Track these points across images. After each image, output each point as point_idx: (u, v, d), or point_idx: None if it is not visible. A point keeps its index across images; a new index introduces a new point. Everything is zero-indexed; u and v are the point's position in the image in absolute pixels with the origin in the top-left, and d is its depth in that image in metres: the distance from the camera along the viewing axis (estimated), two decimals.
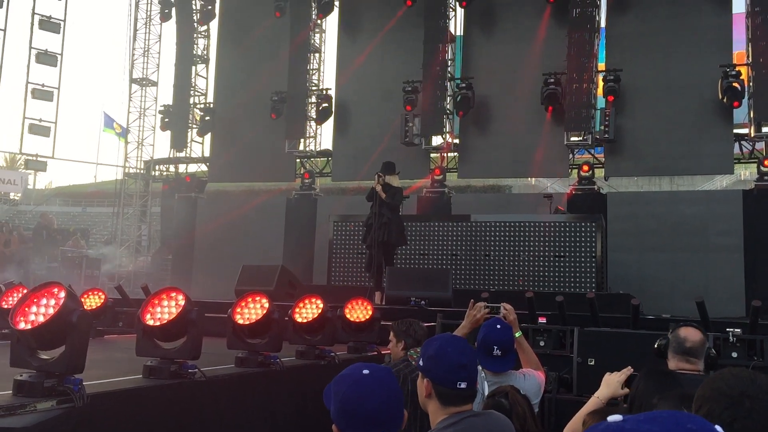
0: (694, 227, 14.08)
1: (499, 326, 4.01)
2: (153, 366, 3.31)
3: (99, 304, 5.99)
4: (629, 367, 3.29)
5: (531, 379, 4.15)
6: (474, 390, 2.55)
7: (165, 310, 3.33)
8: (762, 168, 13.93)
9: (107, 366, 4.07)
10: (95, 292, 6.09)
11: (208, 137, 18.59)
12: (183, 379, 3.31)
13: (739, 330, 5.49)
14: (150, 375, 3.30)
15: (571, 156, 15.74)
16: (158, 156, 20.08)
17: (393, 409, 1.97)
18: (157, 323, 3.30)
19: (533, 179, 28.18)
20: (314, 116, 17.20)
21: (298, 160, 17.68)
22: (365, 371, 2.01)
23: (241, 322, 3.97)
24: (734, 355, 5.37)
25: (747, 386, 1.56)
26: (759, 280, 13.33)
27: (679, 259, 13.96)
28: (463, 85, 15.47)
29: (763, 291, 12.75)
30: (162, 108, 18.72)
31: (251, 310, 4.00)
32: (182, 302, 3.34)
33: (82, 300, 6.00)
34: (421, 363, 2.58)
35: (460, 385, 2.46)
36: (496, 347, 4.06)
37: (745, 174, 25.14)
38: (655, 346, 3.79)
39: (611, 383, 3.15)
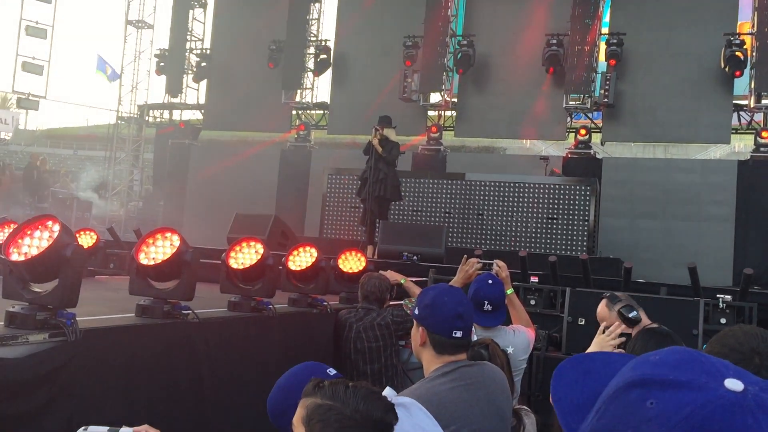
0: (687, 196, 14.12)
1: (490, 281, 4.02)
2: (146, 305, 3.30)
3: (91, 245, 5.96)
4: (619, 322, 3.30)
5: (520, 335, 4.18)
6: (469, 339, 2.55)
7: (160, 250, 3.30)
8: (759, 139, 13.91)
9: (100, 304, 4.06)
10: (87, 232, 6.05)
11: (203, 84, 18.35)
12: (176, 319, 3.30)
13: (729, 297, 5.53)
14: (143, 314, 3.28)
15: (568, 119, 15.69)
16: (153, 101, 19.85)
17: None
18: (151, 262, 3.27)
19: (528, 142, 28.11)
20: (312, 67, 16.96)
21: (294, 112, 17.52)
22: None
23: (235, 266, 3.95)
24: (723, 321, 5.42)
25: (758, 343, 1.56)
26: (748, 251, 13.44)
27: (671, 226, 14.03)
28: (465, 42, 15.27)
29: (752, 261, 12.85)
30: (158, 52, 18.41)
31: (246, 255, 3.98)
32: (177, 243, 3.31)
33: None
34: (416, 311, 2.58)
35: (455, 334, 2.47)
36: (486, 302, 4.09)
37: (740, 146, 25.17)
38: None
39: (603, 345, 3.16)
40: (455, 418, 2.31)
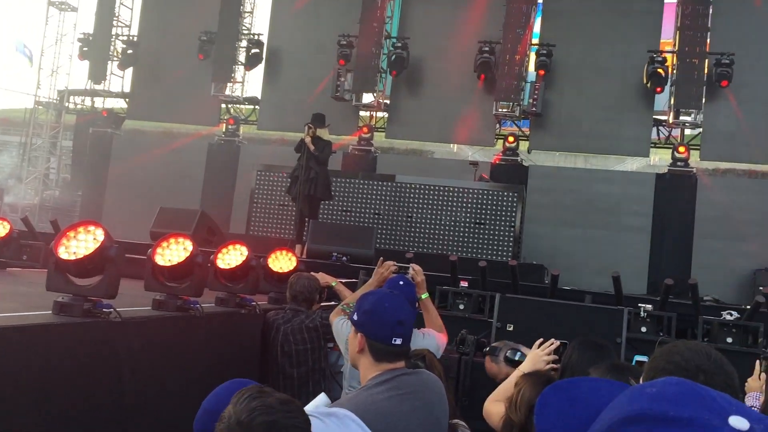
0: (607, 206, 14.60)
1: (402, 282, 3.98)
2: (65, 303, 3.09)
3: (3, 235, 5.61)
4: (554, 339, 3.31)
5: (429, 339, 4.14)
6: (408, 347, 2.50)
7: (82, 245, 3.10)
8: (676, 154, 14.50)
9: (13, 299, 3.81)
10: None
11: (129, 72, 17.72)
12: (97, 318, 3.11)
13: (650, 306, 5.70)
14: (61, 311, 3.08)
15: (497, 126, 15.96)
16: (74, 87, 19.02)
17: None
18: (72, 257, 3.07)
19: (456, 147, 28.46)
20: (243, 61, 16.64)
21: (223, 106, 17.15)
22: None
23: (161, 263, 3.77)
24: (643, 329, 5.59)
25: (702, 361, 1.56)
26: (662, 261, 14.00)
27: (591, 235, 14.46)
28: (399, 44, 15.30)
29: (665, 271, 13.39)
30: (81, 36, 17.65)
31: (173, 252, 3.80)
32: (101, 237, 3.12)
33: None
34: (355, 317, 2.51)
35: (395, 341, 2.41)
36: None
37: (655, 159, 26.24)
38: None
39: (537, 360, 3.16)
40: (391, 428, 2.26)
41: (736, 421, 0.65)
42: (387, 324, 2.41)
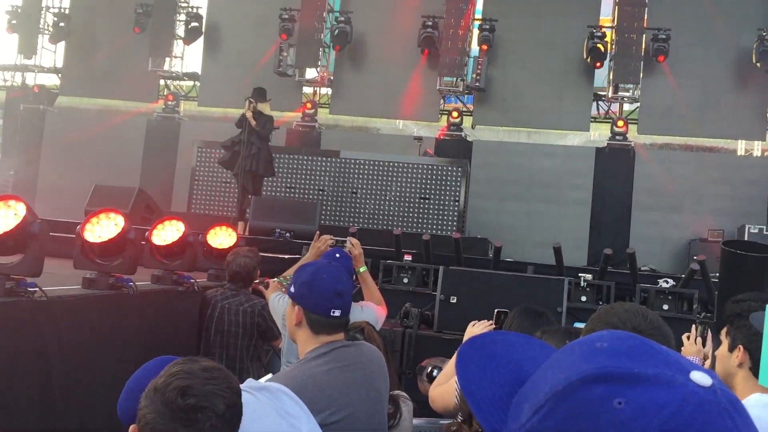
0: (549, 180, 14.80)
1: (338, 255, 3.92)
2: None
3: None
4: (491, 322, 3.30)
5: (368, 311, 4.10)
6: (347, 319, 2.44)
7: (1, 221, 2.94)
8: (615, 128, 14.77)
9: None
10: None
11: (61, 46, 17.02)
12: (20, 297, 2.96)
13: (589, 276, 5.79)
14: None
15: (441, 102, 15.97)
16: (3, 63, 18.17)
17: None
18: None
19: (401, 123, 28.47)
20: (182, 35, 16.16)
21: (162, 82, 16.66)
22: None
23: (91, 239, 3.62)
24: (583, 298, 5.68)
25: (639, 322, 1.54)
26: (601, 233, 14.31)
27: (534, 209, 14.66)
28: (342, 18, 15.08)
29: (604, 242, 13.69)
30: (9, 8, 16.83)
31: (104, 228, 3.65)
32: (23, 212, 2.96)
33: None
34: (292, 290, 2.43)
35: (333, 312, 2.35)
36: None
37: (595, 135, 26.79)
38: None
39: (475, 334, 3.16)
40: (331, 401, 2.21)
41: (698, 376, 0.60)
42: (325, 295, 2.35)
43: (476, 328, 3.17)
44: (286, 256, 6.50)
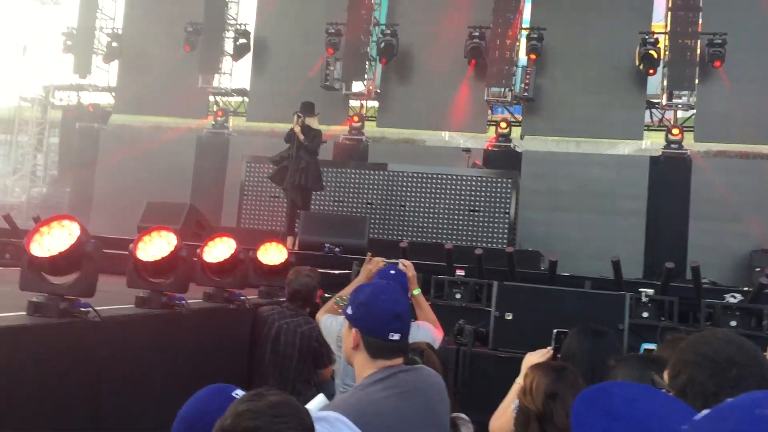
0: (602, 190, 14.45)
1: (393, 272, 3.80)
2: (39, 302, 2.92)
3: None
4: (549, 348, 3.15)
5: (424, 331, 3.97)
6: (406, 342, 2.33)
7: (56, 240, 2.92)
8: (670, 136, 14.36)
9: None
10: None
11: (114, 66, 17.43)
12: (74, 318, 2.94)
13: (651, 290, 5.56)
14: (35, 312, 2.90)
15: (489, 113, 15.79)
16: (59, 83, 18.70)
17: None
18: (46, 254, 2.89)
19: (447, 135, 28.33)
20: (231, 51, 16.37)
21: (211, 98, 16.90)
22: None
23: (143, 258, 3.60)
24: (645, 314, 5.45)
25: (734, 352, 1.39)
26: (658, 245, 13.88)
27: (586, 220, 14.32)
28: (388, 31, 15.08)
29: (661, 255, 13.28)
30: (65, 30, 17.33)
31: (156, 246, 3.63)
32: (77, 232, 2.94)
33: None
34: (349, 311, 2.33)
35: (392, 336, 2.24)
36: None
37: (647, 144, 26.21)
38: None
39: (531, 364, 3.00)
40: (390, 430, 2.10)
41: None
42: (383, 318, 2.24)
43: (534, 357, 3.02)
44: (336, 272, 6.43)
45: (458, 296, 5.98)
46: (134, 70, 16.90)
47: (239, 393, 1.68)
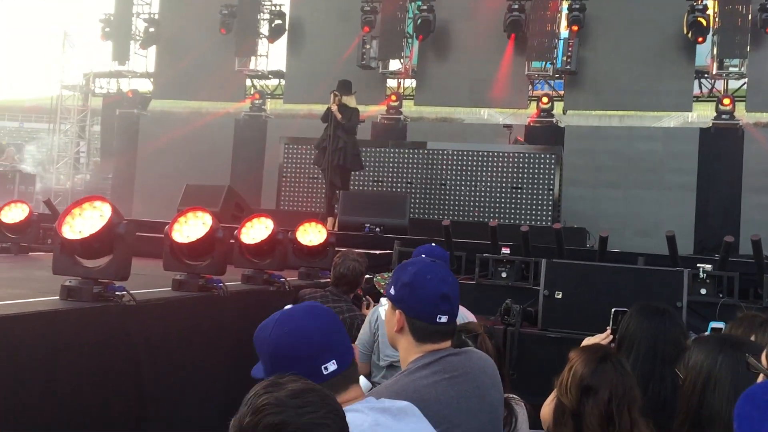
0: (649, 164, 14.01)
1: (434, 244, 3.65)
2: (72, 286, 2.83)
3: (23, 219, 5.40)
4: (608, 330, 2.94)
5: (460, 316, 3.82)
6: (455, 325, 2.16)
7: (87, 222, 2.82)
8: (720, 106, 13.81)
9: (24, 285, 3.57)
10: (18, 204, 5.48)
11: (152, 52, 17.49)
12: (108, 302, 2.84)
13: (709, 266, 5.29)
14: (69, 296, 2.81)
15: (529, 88, 15.41)
16: (99, 70, 18.87)
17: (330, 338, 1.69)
18: (78, 236, 2.80)
19: (486, 113, 27.85)
20: (266, 33, 16.27)
21: (248, 82, 16.85)
22: (287, 306, 1.77)
23: (179, 240, 3.49)
24: (703, 291, 5.18)
25: None
26: (709, 219, 13.42)
27: (633, 195, 13.92)
28: (425, 7, 14.77)
29: (713, 230, 12.86)
30: (103, 16, 17.43)
31: (192, 227, 3.52)
32: (108, 213, 2.84)
33: (1, 212, 5.41)
34: (392, 291, 2.16)
35: (440, 318, 2.06)
36: (424, 256, 3.73)
37: (692, 116, 25.44)
38: None
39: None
40: (441, 418, 1.94)
41: None
42: (430, 299, 2.07)
43: (593, 341, 2.82)
44: (377, 252, 6.28)
45: (504, 275, 5.78)
46: (172, 55, 16.94)
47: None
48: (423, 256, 3.70)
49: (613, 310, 2.87)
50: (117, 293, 2.88)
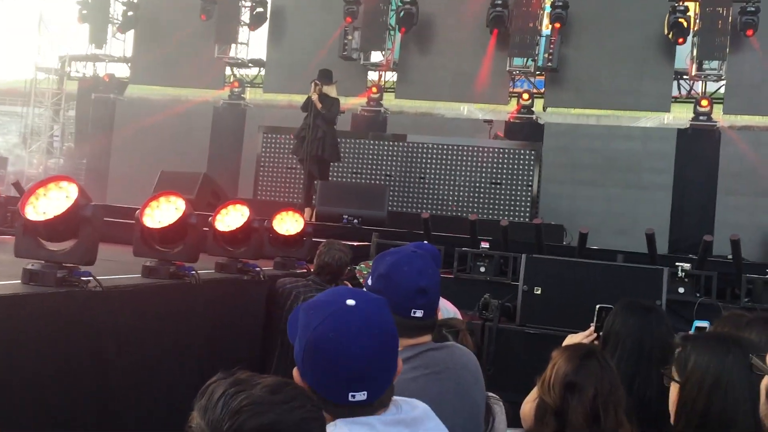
0: (627, 163, 14.08)
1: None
2: (35, 270, 2.69)
3: None
4: (591, 327, 2.88)
5: (444, 308, 3.76)
6: (434, 320, 2.07)
7: (52, 203, 2.69)
8: (699, 108, 13.91)
9: None
10: None
11: (130, 36, 17.17)
12: (73, 287, 2.71)
13: (688, 265, 5.27)
14: (30, 281, 2.68)
15: (511, 84, 15.38)
16: (75, 54, 18.48)
17: (385, 359, 1.45)
18: (41, 218, 2.66)
19: (465, 109, 27.89)
20: (248, 21, 16.04)
21: (228, 70, 16.62)
22: (350, 301, 1.46)
23: (150, 225, 3.36)
24: (681, 290, 5.17)
25: None
26: (684, 219, 13.52)
27: (611, 194, 13.97)
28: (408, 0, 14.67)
29: (687, 229, 12.97)
30: None
31: (164, 212, 3.39)
32: (75, 194, 2.71)
33: None
34: (369, 282, 2.08)
35: (414, 313, 1.97)
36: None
37: (669, 118, 25.60)
38: None
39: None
40: None
41: None
42: (405, 292, 1.97)
43: (576, 338, 2.75)
44: (355, 243, 6.19)
45: (482, 269, 5.72)
46: (150, 40, 16.64)
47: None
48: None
49: (597, 306, 2.80)
50: (83, 278, 2.75)
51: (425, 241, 3.58)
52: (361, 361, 1.38)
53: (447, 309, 3.55)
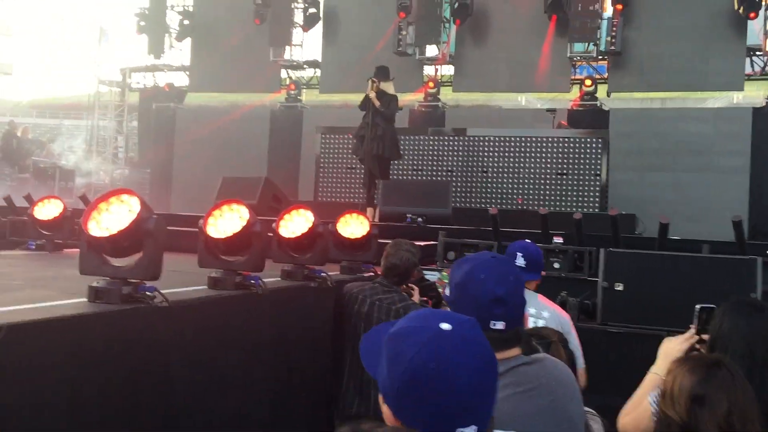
0: (698, 146, 13.46)
1: (528, 240, 3.44)
2: (100, 288, 2.61)
3: (56, 215, 5.25)
4: (692, 330, 2.59)
5: (551, 311, 3.55)
6: (517, 331, 1.86)
7: (114, 218, 2.61)
8: None
9: (53, 285, 3.39)
10: (51, 200, 5.33)
11: (187, 44, 17.43)
12: (138, 304, 2.62)
13: None
14: (96, 298, 2.60)
15: (572, 71, 14.93)
16: (135, 65, 18.90)
17: (491, 387, 1.27)
18: (105, 233, 2.58)
19: (523, 99, 27.28)
20: (301, 22, 16.06)
21: (284, 73, 16.68)
22: (444, 325, 1.29)
23: (214, 235, 3.26)
24: None
25: None
26: (764, 203, 12.83)
27: (682, 179, 13.39)
28: None
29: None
30: (138, 11, 17.42)
31: (227, 221, 3.28)
32: (137, 208, 2.62)
33: (35, 208, 5.27)
34: (446, 292, 1.90)
35: (494, 325, 1.77)
36: (520, 254, 3.53)
37: (739, 98, 24.44)
38: None
39: (671, 354, 2.43)
40: None
41: None
42: (480, 302, 1.78)
43: (674, 342, 2.50)
44: (421, 243, 6.00)
45: (557, 266, 5.46)
46: (207, 48, 16.86)
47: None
48: (518, 254, 3.59)
49: (697, 307, 2.54)
50: (148, 293, 2.66)
51: (527, 239, 3.43)
52: (469, 392, 1.20)
53: (557, 315, 3.39)
